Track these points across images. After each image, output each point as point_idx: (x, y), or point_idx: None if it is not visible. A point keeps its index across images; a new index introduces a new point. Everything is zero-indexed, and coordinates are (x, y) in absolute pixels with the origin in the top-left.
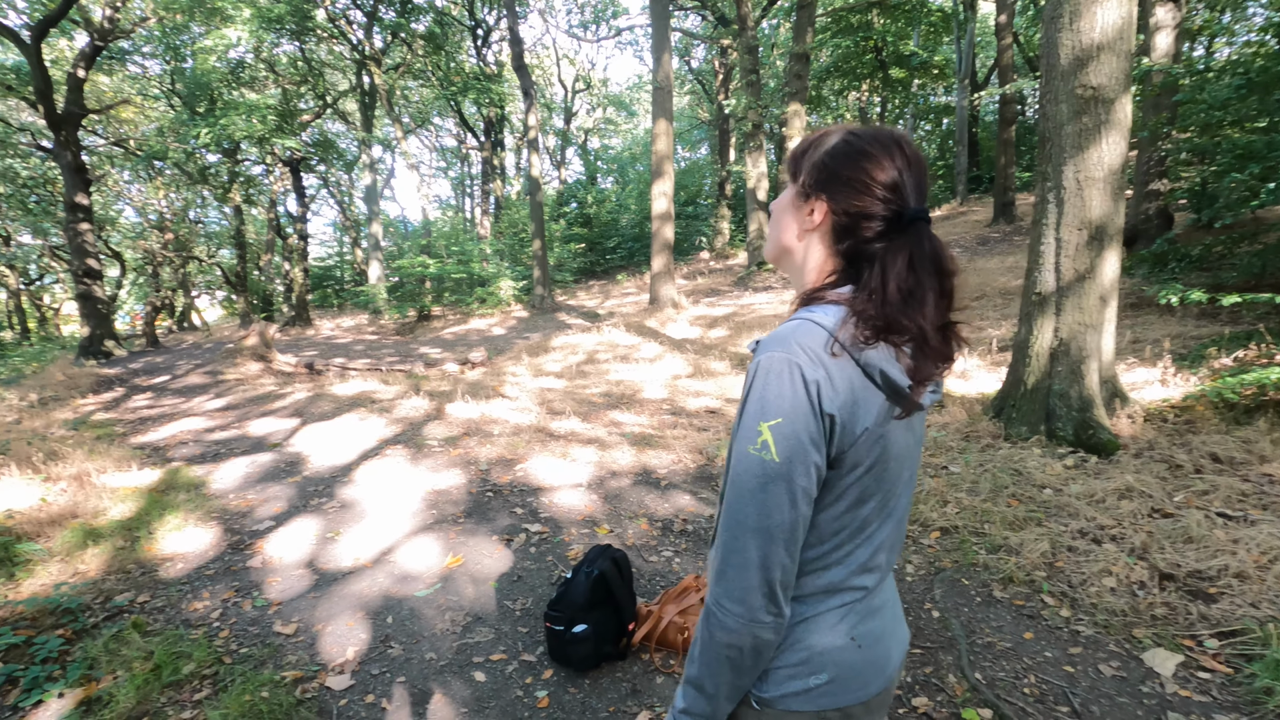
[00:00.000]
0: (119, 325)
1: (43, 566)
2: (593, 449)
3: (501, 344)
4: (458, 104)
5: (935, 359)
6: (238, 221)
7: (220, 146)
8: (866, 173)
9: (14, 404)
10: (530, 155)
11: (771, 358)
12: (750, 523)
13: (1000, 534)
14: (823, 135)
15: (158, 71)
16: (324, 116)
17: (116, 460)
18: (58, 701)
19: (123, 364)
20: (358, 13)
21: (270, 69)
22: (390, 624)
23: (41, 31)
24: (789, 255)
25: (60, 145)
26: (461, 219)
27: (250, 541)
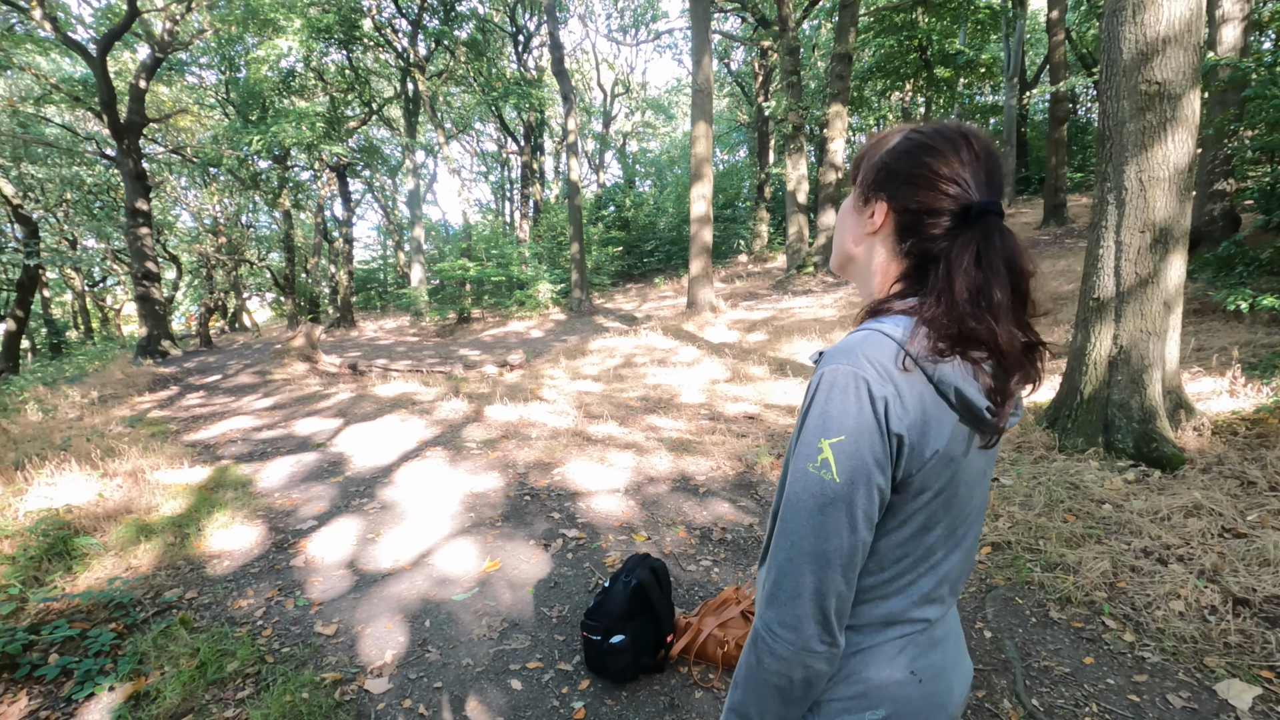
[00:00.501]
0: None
1: (98, 560)
2: (630, 454)
3: (539, 346)
4: (498, 109)
5: (1016, 375)
6: (287, 226)
7: (271, 153)
8: (928, 167)
9: (77, 401)
10: (569, 159)
11: (836, 371)
12: (806, 546)
13: (1056, 551)
14: (885, 136)
15: (213, 81)
16: (369, 123)
17: (169, 457)
18: (108, 695)
19: (177, 363)
20: (403, 21)
21: (319, 77)
22: (428, 628)
23: (107, 45)
24: (853, 263)
25: (122, 153)
26: (501, 223)
27: (294, 541)
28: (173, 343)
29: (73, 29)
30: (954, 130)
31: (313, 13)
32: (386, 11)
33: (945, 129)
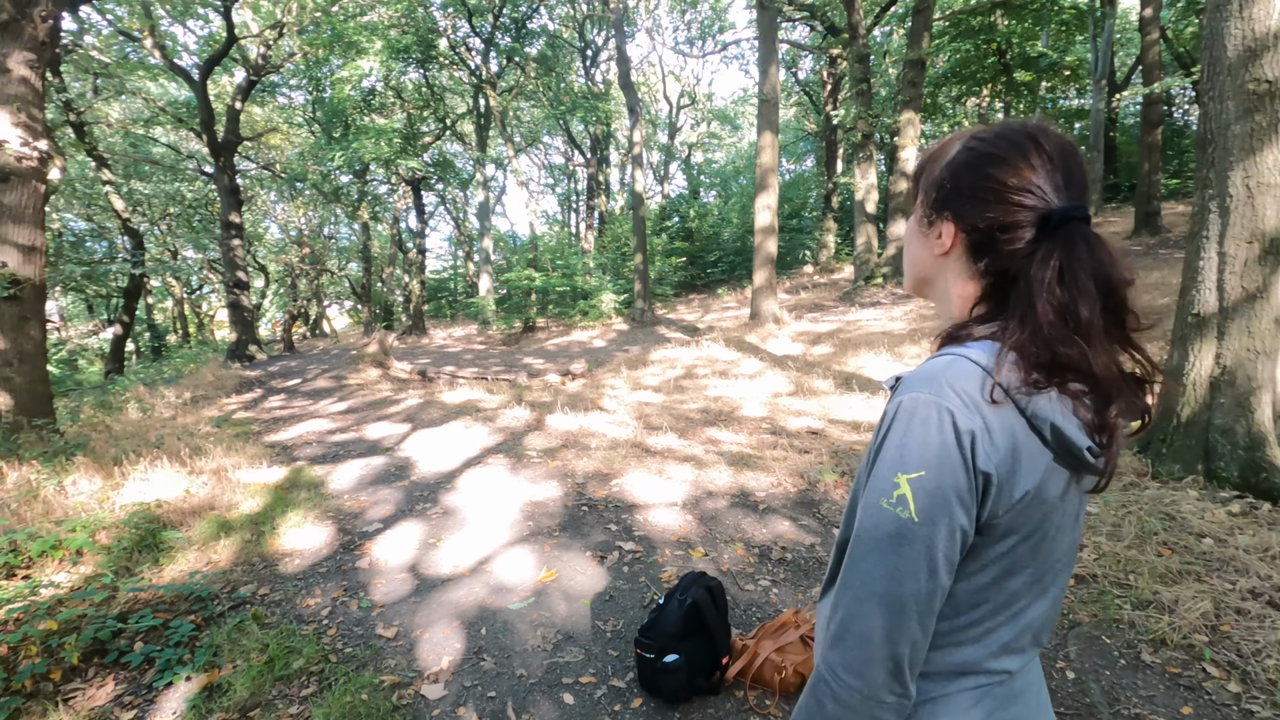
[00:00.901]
0: (262, 331)
1: (181, 554)
2: (689, 467)
3: (601, 356)
4: (566, 123)
5: (1114, 405)
6: (365, 237)
7: (352, 168)
8: (994, 179)
9: (172, 401)
10: (634, 171)
11: (917, 400)
12: (878, 587)
13: (1149, 587)
14: (942, 147)
15: (301, 102)
16: (443, 138)
17: (250, 457)
18: (185, 684)
19: (263, 367)
20: (476, 40)
21: (398, 95)
22: (484, 635)
23: (208, 69)
24: (929, 286)
25: (219, 170)
26: (567, 234)
27: (360, 543)
28: (259, 347)
29: (179, 56)
30: (1019, 132)
31: (393, 34)
32: (461, 31)
33: (1009, 132)
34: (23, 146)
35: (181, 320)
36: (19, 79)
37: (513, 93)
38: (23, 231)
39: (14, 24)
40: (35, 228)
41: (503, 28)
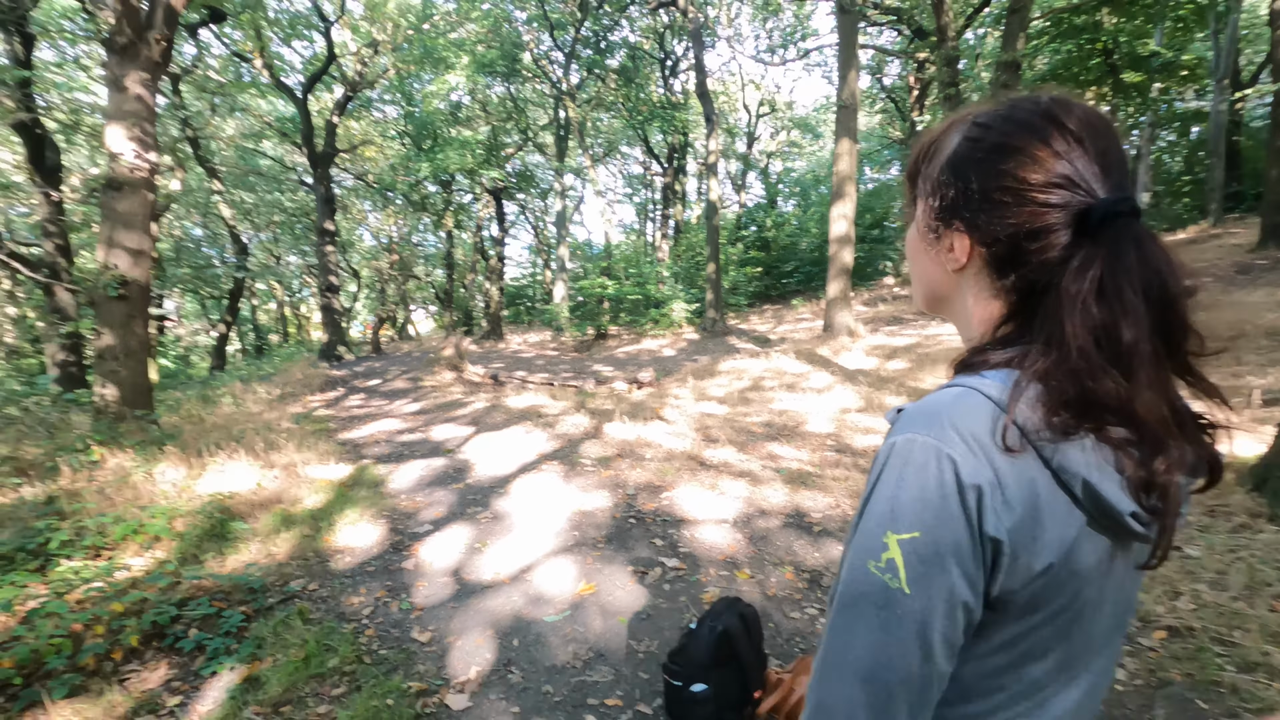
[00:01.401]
0: (353, 333)
1: (245, 544)
2: (743, 483)
3: (670, 365)
4: (644, 132)
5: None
6: (449, 244)
7: (437, 178)
8: (1011, 176)
9: (262, 397)
10: (709, 180)
11: (913, 442)
12: (861, 666)
13: (1258, 647)
14: (940, 135)
15: (395, 115)
16: (524, 149)
17: (321, 454)
18: (229, 674)
19: (349, 367)
20: (558, 53)
21: (483, 108)
22: (515, 647)
23: (309, 86)
24: (944, 305)
25: (316, 180)
26: (643, 242)
27: (409, 544)
28: (347, 348)
29: (286, 75)
30: (1033, 110)
31: (479, 50)
32: (544, 45)
33: (1020, 112)
34: (135, 159)
35: (282, 321)
36: (135, 97)
37: (591, 104)
38: (132, 237)
39: (132, 47)
40: (144, 233)
41: (584, 40)
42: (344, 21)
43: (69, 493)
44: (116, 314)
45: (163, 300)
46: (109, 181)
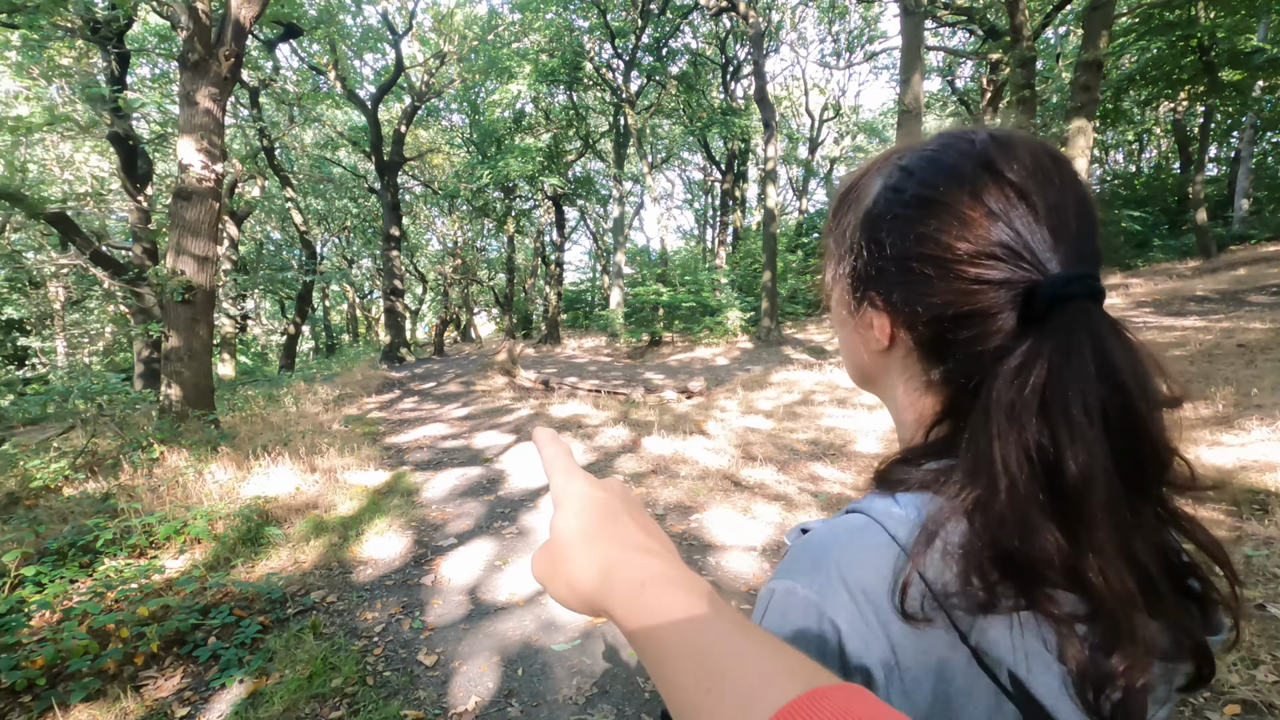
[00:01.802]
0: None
1: (276, 550)
2: (778, 507)
3: (722, 375)
4: (704, 138)
5: (1146, 644)
6: (510, 250)
7: (500, 185)
8: (933, 241)
9: (323, 398)
10: (767, 186)
11: (791, 594)
12: None
13: None
14: (860, 179)
15: (461, 124)
16: (585, 156)
17: (362, 459)
18: (237, 688)
19: (409, 369)
20: (619, 60)
21: (545, 116)
22: (519, 677)
23: (379, 97)
24: (875, 386)
25: (384, 187)
26: (701, 249)
27: (431, 558)
28: (408, 350)
29: (359, 85)
30: (964, 152)
31: (542, 59)
32: (606, 53)
33: (949, 153)
34: (203, 169)
35: (353, 322)
36: (204, 110)
37: (651, 110)
38: (199, 244)
39: (203, 63)
40: (210, 241)
41: (645, 47)
42: (413, 34)
43: (126, 489)
44: (182, 317)
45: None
46: (178, 191)
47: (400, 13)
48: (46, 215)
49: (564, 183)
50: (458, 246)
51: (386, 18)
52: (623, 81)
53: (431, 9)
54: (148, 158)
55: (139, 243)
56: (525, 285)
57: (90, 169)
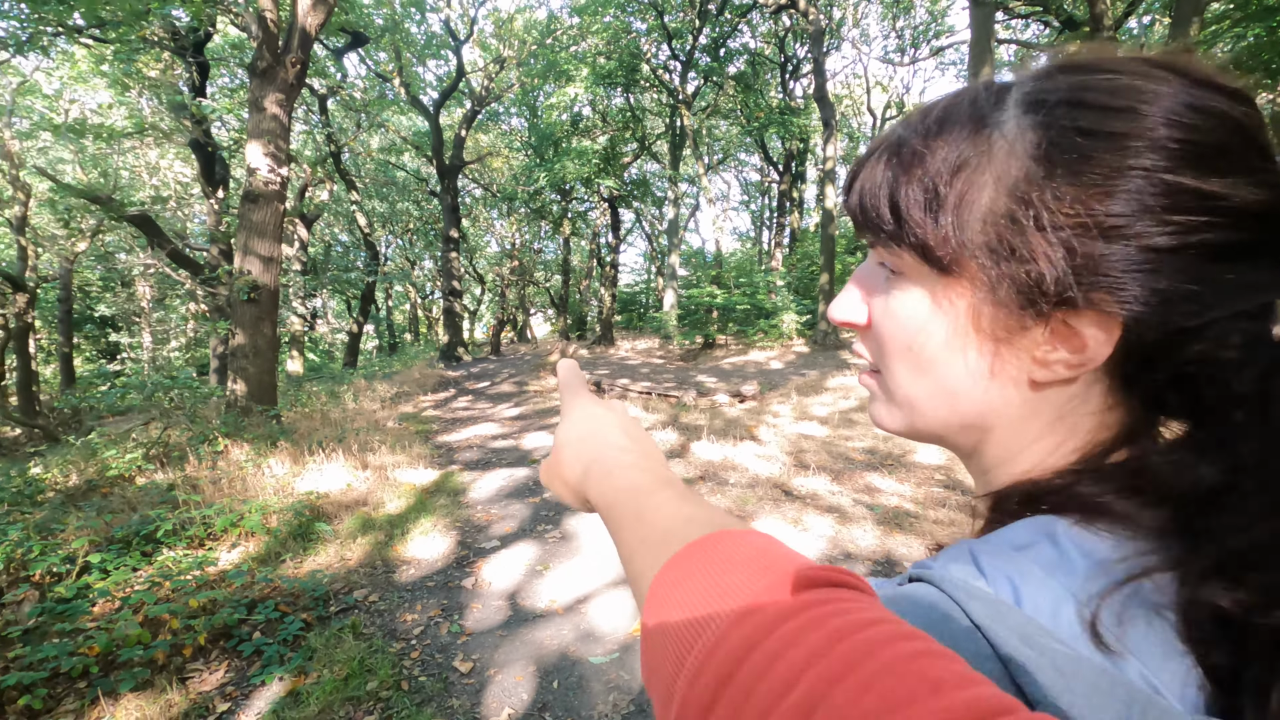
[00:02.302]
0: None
1: (324, 547)
2: (830, 519)
3: (776, 379)
4: (762, 139)
5: None
6: (565, 251)
7: (556, 187)
8: (1214, 199)
9: (381, 395)
10: (826, 187)
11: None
12: None
13: None
14: (968, 136)
15: (519, 127)
16: (641, 158)
17: (413, 457)
18: (277, 685)
19: (466, 368)
20: (676, 62)
21: (602, 119)
22: (554, 690)
23: (440, 102)
24: (978, 434)
25: (444, 190)
26: (757, 251)
27: (474, 560)
28: (465, 350)
29: (422, 92)
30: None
31: (599, 62)
32: (663, 54)
33: (1134, 64)
34: (269, 173)
35: (414, 321)
36: (271, 116)
37: (707, 111)
38: (264, 245)
39: (271, 70)
40: (274, 242)
41: (702, 48)
42: (474, 40)
43: (190, 480)
44: (248, 315)
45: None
46: (246, 194)
47: (462, 19)
48: (129, 217)
49: (620, 185)
50: (515, 248)
51: (449, 25)
52: (679, 83)
53: (492, 15)
54: (225, 163)
55: (215, 244)
56: (580, 287)
57: (174, 174)
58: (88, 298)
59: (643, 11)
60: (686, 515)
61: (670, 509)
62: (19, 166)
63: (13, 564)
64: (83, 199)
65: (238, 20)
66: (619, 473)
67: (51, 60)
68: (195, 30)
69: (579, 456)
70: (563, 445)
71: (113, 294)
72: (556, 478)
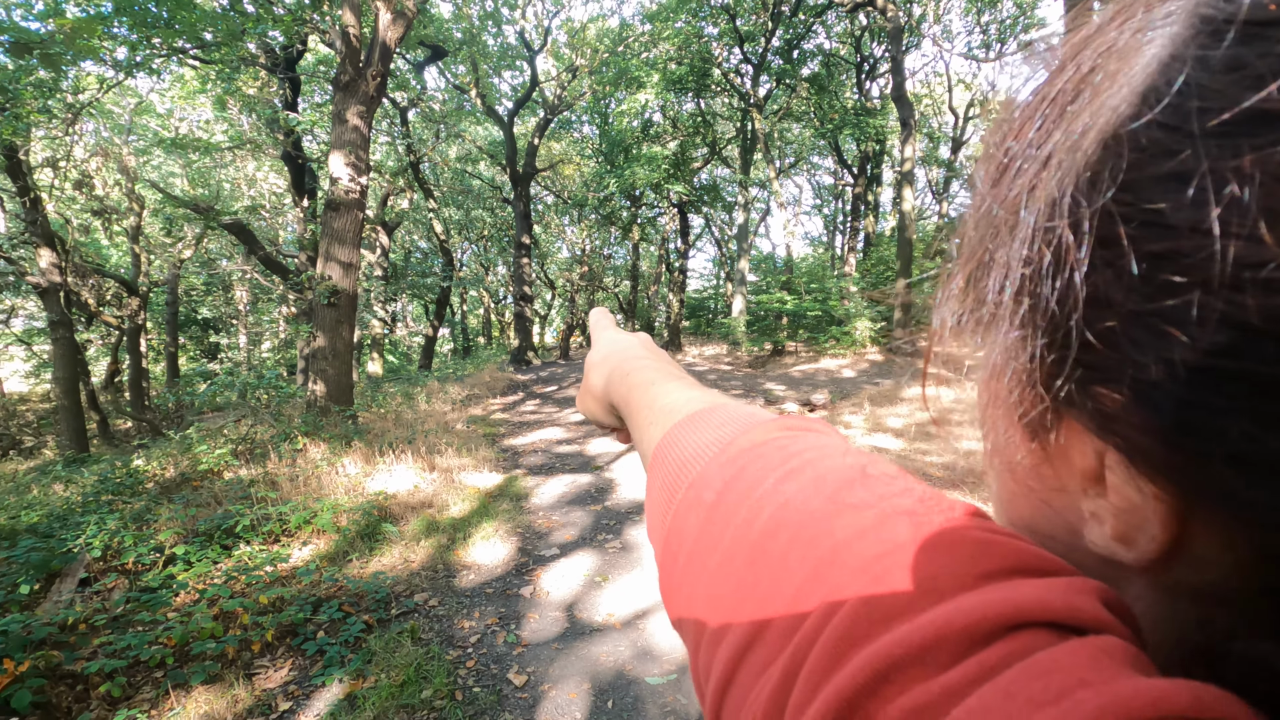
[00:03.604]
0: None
1: (389, 548)
2: None
3: (848, 388)
4: (836, 141)
5: None
6: (634, 257)
7: (626, 193)
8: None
9: (452, 397)
10: (904, 189)
11: None
12: None
13: None
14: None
15: (591, 135)
16: (711, 163)
17: (479, 460)
18: (336, 687)
19: (535, 372)
20: (747, 65)
21: (672, 124)
22: (609, 709)
23: (514, 111)
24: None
25: (516, 198)
26: (830, 255)
27: (533, 568)
28: (535, 354)
29: (497, 102)
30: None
31: (670, 67)
32: (734, 58)
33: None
34: (350, 182)
35: (487, 326)
36: (353, 128)
37: (779, 114)
38: (344, 251)
39: (353, 83)
40: (354, 248)
41: (775, 50)
42: (548, 50)
43: (270, 477)
44: (328, 319)
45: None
46: (328, 202)
47: (536, 30)
48: (226, 225)
49: (689, 190)
50: (585, 254)
51: (523, 35)
52: (751, 86)
53: (565, 24)
54: (314, 174)
55: (304, 251)
56: (649, 292)
57: (269, 185)
58: (192, 301)
59: (714, 15)
60: (687, 397)
61: (675, 394)
62: (135, 180)
63: (109, 551)
64: (186, 209)
65: (325, 38)
66: (635, 373)
67: (163, 81)
68: (288, 48)
69: (602, 371)
70: (591, 366)
71: (213, 297)
72: (588, 394)
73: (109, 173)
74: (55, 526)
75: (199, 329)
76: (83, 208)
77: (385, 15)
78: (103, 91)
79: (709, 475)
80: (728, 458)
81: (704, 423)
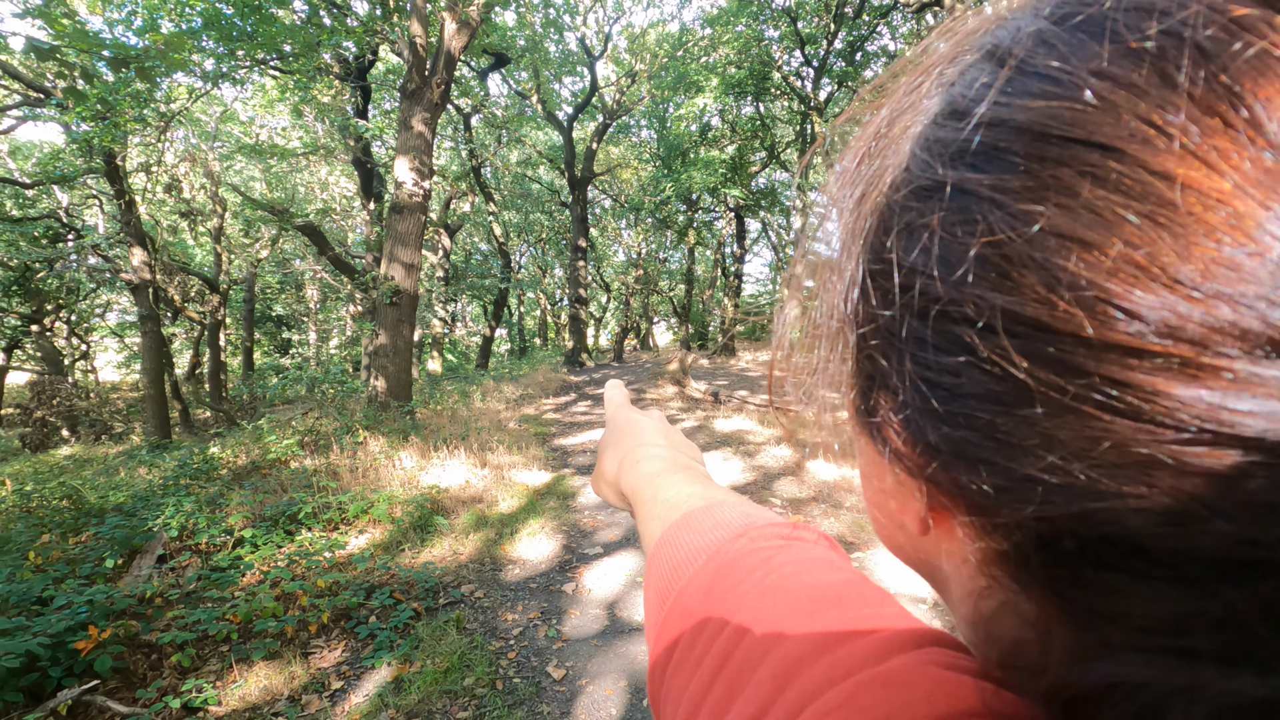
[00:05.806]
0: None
1: (440, 540)
2: None
3: None
4: None
5: None
6: (690, 261)
7: (683, 197)
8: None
9: (507, 396)
10: None
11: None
12: None
13: None
14: (878, 135)
15: (649, 139)
16: (769, 166)
17: (529, 458)
18: (385, 670)
19: (588, 373)
20: (808, 68)
21: (731, 128)
22: (644, 709)
23: (574, 116)
24: (928, 569)
25: (574, 201)
26: None
27: (576, 565)
28: (588, 355)
29: (557, 108)
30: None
31: (729, 71)
32: (795, 61)
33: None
34: (414, 186)
35: (544, 327)
36: (418, 133)
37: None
38: (407, 252)
39: (418, 91)
40: (416, 250)
41: (836, 53)
42: (608, 56)
43: (332, 467)
44: (390, 318)
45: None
46: (392, 205)
47: (597, 36)
48: (298, 226)
49: (746, 194)
50: (640, 257)
51: (584, 42)
52: (811, 89)
53: (625, 30)
54: (381, 178)
55: (370, 252)
56: (703, 296)
57: (340, 189)
58: (267, 298)
59: (775, 18)
60: (689, 492)
61: (678, 488)
62: (219, 184)
63: (184, 532)
64: (264, 211)
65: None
66: (643, 462)
67: (246, 91)
68: (360, 58)
69: (615, 455)
70: (604, 449)
71: (286, 295)
72: (600, 478)
73: (196, 177)
74: (138, 506)
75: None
76: (171, 210)
77: (450, 25)
78: (192, 101)
79: (696, 584)
80: (714, 568)
81: (698, 524)
